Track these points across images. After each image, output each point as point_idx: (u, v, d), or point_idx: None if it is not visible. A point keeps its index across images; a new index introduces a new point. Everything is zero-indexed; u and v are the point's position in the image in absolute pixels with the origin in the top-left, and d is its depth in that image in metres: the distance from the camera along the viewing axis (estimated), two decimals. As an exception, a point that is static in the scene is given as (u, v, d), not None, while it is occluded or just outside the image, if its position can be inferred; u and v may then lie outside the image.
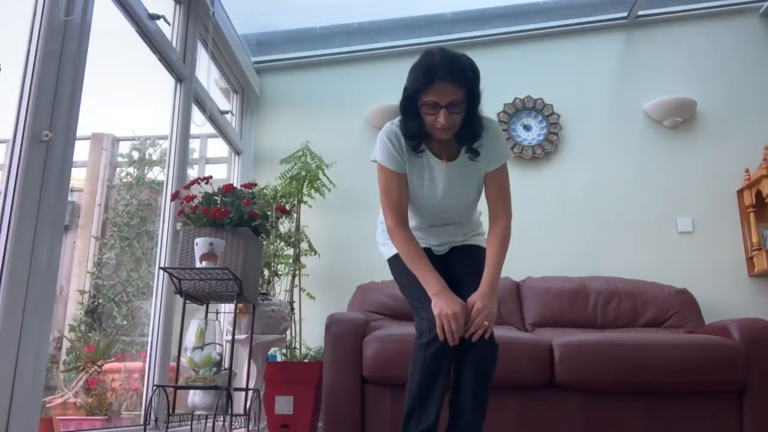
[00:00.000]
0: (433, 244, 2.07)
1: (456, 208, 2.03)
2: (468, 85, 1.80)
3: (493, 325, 1.80)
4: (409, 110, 1.85)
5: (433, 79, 1.76)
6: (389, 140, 1.92)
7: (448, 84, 1.76)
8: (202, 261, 2.11)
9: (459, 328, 1.75)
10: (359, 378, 2.58)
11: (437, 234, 2.07)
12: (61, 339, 3.00)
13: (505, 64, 3.97)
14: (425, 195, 1.98)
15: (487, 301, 1.81)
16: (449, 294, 1.80)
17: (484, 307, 1.79)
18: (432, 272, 1.85)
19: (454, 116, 1.80)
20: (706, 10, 3.93)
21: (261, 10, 3.75)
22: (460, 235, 2.09)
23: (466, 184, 1.98)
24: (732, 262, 3.51)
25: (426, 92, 1.78)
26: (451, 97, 1.77)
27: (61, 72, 1.91)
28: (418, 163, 1.95)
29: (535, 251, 3.58)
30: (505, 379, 2.54)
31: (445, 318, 1.75)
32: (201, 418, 2.29)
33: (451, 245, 2.09)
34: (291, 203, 3.38)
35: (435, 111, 1.79)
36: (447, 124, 1.80)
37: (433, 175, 1.95)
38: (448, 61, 1.78)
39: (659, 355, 2.53)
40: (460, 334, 1.76)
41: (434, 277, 1.84)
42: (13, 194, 1.72)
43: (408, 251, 1.90)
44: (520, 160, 3.77)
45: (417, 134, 1.88)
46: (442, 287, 1.82)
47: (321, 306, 3.38)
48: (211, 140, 3.81)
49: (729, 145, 3.68)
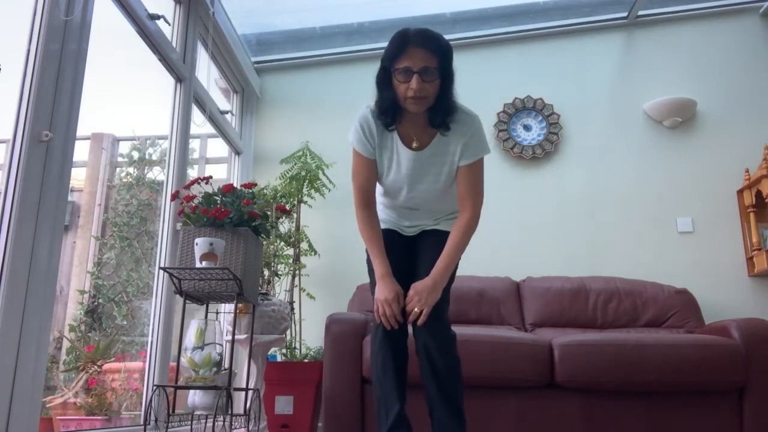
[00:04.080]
0: (403, 225, 2.12)
1: (424, 194, 2.03)
2: (441, 54, 1.82)
3: (427, 312, 1.83)
4: (384, 82, 1.88)
5: (406, 45, 1.81)
6: (361, 126, 1.98)
7: (420, 49, 1.80)
8: (202, 261, 2.11)
9: (393, 313, 1.84)
10: (359, 378, 2.58)
11: (407, 216, 2.11)
12: (61, 339, 3.00)
13: (505, 64, 3.97)
14: (392, 179, 2.01)
15: (422, 288, 1.85)
16: (389, 280, 1.89)
17: (416, 293, 1.85)
18: (380, 257, 1.93)
19: (427, 85, 1.81)
20: (706, 10, 3.93)
21: (261, 10, 3.75)
22: (431, 220, 2.10)
23: (435, 173, 1.98)
24: (732, 262, 3.51)
25: (399, 59, 1.81)
26: (424, 63, 1.80)
27: (61, 72, 1.91)
28: (388, 146, 1.98)
29: (535, 251, 3.58)
30: (505, 379, 2.56)
31: (380, 303, 1.86)
32: (201, 418, 2.29)
33: (421, 228, 2.11)
34: (291, 203, 3.38)
35: (407, 78, 1.80)
36: (419, 91, 1.80)
37: (399, 161, 1.98)
38: (422, 30, 1.84)
39: (659, 355, 2.53)
40: (396, 319, 1.85)
41: (381, 262, 1.93)
42: (13, 194, 1.72)
43: (366, 232, 1.99)
44: (520, 160, 3.77)
45: (389, 108, 1.89)
46: (385, 273, 1.90)
47: (321, 306, 3.38)
48: (211, 140, 3.81)
49: (729, 145, 3.68)
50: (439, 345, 1.88)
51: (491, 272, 3.39)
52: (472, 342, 2.51)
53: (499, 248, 3.57)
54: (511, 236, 3.62)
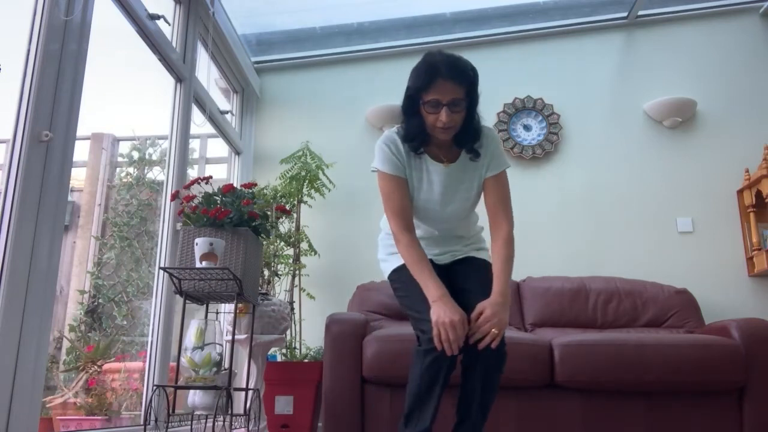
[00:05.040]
0: (434, 253, 2.05)
1: (455, 212, 2.01)
2: (468, 84, 1.82)
3: (501, 334, 1.75)
4: (411, 110, 1.87)
5: (435, 77, 1.78)
6: (387, 146, 1.94)
7: (449, 82, 1.78)
8: (202, 261, 2.11)
9: (457, 338, 1.69)
10: (359, 378, 2.58)
11: (438, 242, 2.07)
12: (61, 339, 3.00)
13: (505, 64, 3.97)
14: (424, 199, 1.98)
15: (498, 309, 1.75)
16: (449, 301, 1.75)
17: (493, 314, 1.73)
18: (433, 278, 1.81)
19: (455, 115, 1.82)
20: (706, 10, 3.93)
21: (261, 10, 3.75)
22: (462, 245, 2.08)
23: (465, 189, 1.98)
24: (732, 262, 3.51)
25: (428, 91, 1.80)
26: (453, 95, 1.79)
27: (61, 72, 1.91)
28: (417, 167, 1.95)
29: (535, 251, 3.58)
30: (505, 379, 2.52)
31: (443, 326, 1.69)
32: (201, 418, 2.29)
33: (452, 255, 2.07)
34: (291, 203, 3.38)
35: (437, 110, 1.80)
36: (448, 123, 1.81)
37: (431, 179, 1.96)
38: (449, 60, 1.81)
39: (659, 355, 2.53)
40: (458, 344, 1.70)
41: (435, 283, 1.79)
42: (13, 194, 1.72)
43: (411, 256, 1.87)
44: (520, 160, 3.77)
45: (418, 135, 1.89)
46: (442, 294, 1.77)
47: (321, 306, 3.38)
48: (211, 140, 3.81)
49: (729, 145, 3.68)
50: (500, 364, 1.82)
51: (491, 272, 3.38)
52: (472, 342, 2.50)
53: (499, 248, 3.56)
54: (512, 239, 3.61)
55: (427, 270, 1.83)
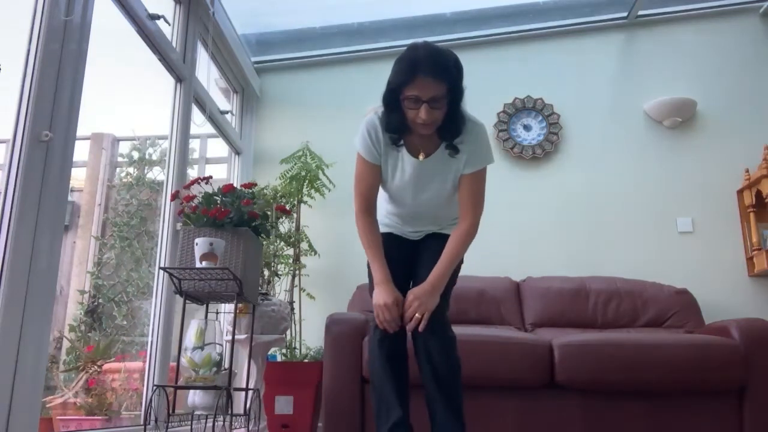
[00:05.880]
0: (407, 230, 2.12)
1: (429, 202, 2.04)
2: (450, 81, 1.80)
3: (427, 317, 1.83)
4: (392, 104, 1.87)
5: (416, 73, 1.77)
6: (368, 132, 1.96)
7: (430, 79, 1.76)
8: (202, 261, 2.11)
9: (392, 318, 1.85)
10: (359, 378, 2.58)
11: (412, 222, 2.11)
12: (61, 339, 3.00)
13: (505, 64, 3.97)
14: (396, 186, 2.02)
15: (421, 293, 1.86)
16: (387, 286, 1.89)
17: (415, 299, 1.85)
18: (379, 262, 1.93)
19: (435, 111, 1.80)
20: (706, 10, 3.93)
21: (261, 10, 3.75)
22: (436, 225, 2.11)
23: (440, 181, 1.99)
24: (732, 262, 3.51)
25: (408, 86, 1.79)
26: (433, 93, 1.77)
27: (61, 72, 1.91)
28: (393, 155, 1.98)
29: (535, 251, 3.58)
30: (505, 379, 2.56)
31: (378, 308, 1.87)
32: (201, 418, 2.29)
33: (425, 233, 2.12)
34: (291, 203, 3.38)
35: (417, 105, 1.80)
36: (428, 120, 1.80)
37: (404, 169, 1.97)
38: (431, 55, 1.79)
39: (659, 355, 2.53)
40: (395, 323, 1.86)
41: (379, 267, 1.93)
42: (13, 194, 1.72)
43: (365, 238, 1.98)
44: (520, 160, 3.77)
45: (398, 128, 1.90)
46: (383, 278, 1.90)
47: (321, 306, 3.38)
48: (211, 140, 3.81)
49: (729, 145, 3.68)
50: (440, 347, 1.88)
51: (491, 272, 3.39)
52: (472, 342, 2.50)
53: (499, 248, 3.56)
54: (511, 236, 3.62)
55: (377, 254, 1.96)
